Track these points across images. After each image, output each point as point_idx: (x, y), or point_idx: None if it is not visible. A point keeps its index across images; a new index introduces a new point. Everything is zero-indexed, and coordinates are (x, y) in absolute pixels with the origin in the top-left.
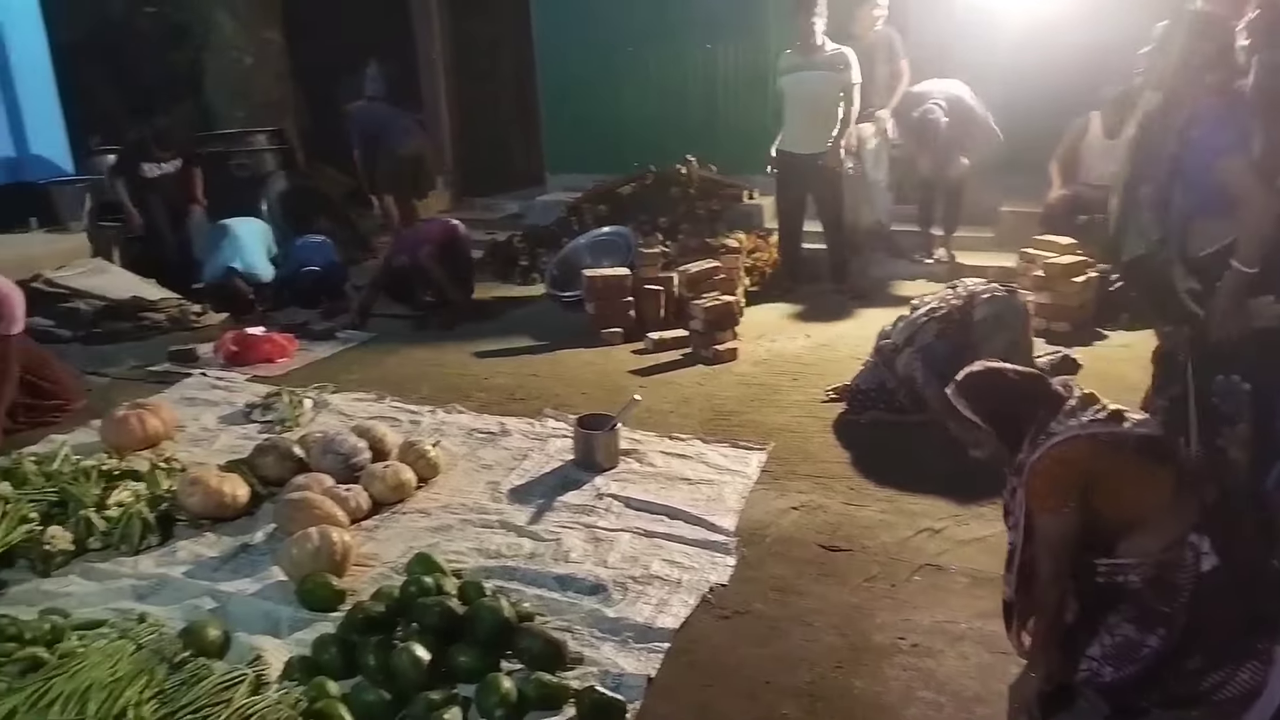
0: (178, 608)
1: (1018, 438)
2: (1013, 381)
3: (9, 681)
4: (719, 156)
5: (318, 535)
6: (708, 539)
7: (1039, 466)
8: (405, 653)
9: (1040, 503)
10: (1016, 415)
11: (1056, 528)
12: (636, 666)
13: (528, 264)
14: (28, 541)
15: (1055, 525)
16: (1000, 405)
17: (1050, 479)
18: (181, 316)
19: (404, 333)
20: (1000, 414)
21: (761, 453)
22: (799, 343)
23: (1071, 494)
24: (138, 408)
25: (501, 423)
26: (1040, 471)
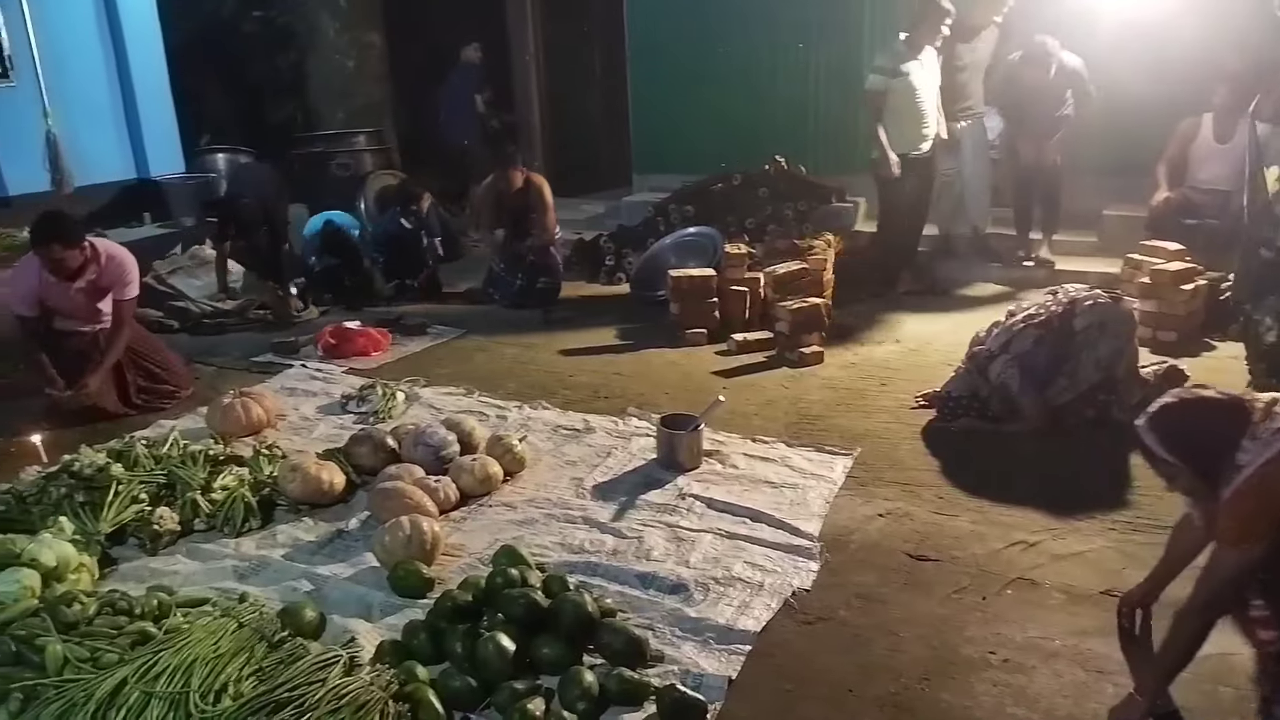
0: (276, 589)
1: (1216, 469)
2: (1213, 411)
3: (120, 653)
4: (808, 157)
5: (409, 524)
6: (790, 543)
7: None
8: (491, 642)
9: (1230, 537)
10: (1217, 447)
11: (1236, 562)
12: (717, 667)
13: (613, 264)
14: (138, 521)
15: (1236, 560)
16: (1200, 439)
17: (1245, 515)
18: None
19: (492, 330)
20: (1199, 448)
21: (847, 458)
22: (887, 347)
23: (1267, 528)
24: (242, 396)
25: (586, 420)
26: (1235, 507)
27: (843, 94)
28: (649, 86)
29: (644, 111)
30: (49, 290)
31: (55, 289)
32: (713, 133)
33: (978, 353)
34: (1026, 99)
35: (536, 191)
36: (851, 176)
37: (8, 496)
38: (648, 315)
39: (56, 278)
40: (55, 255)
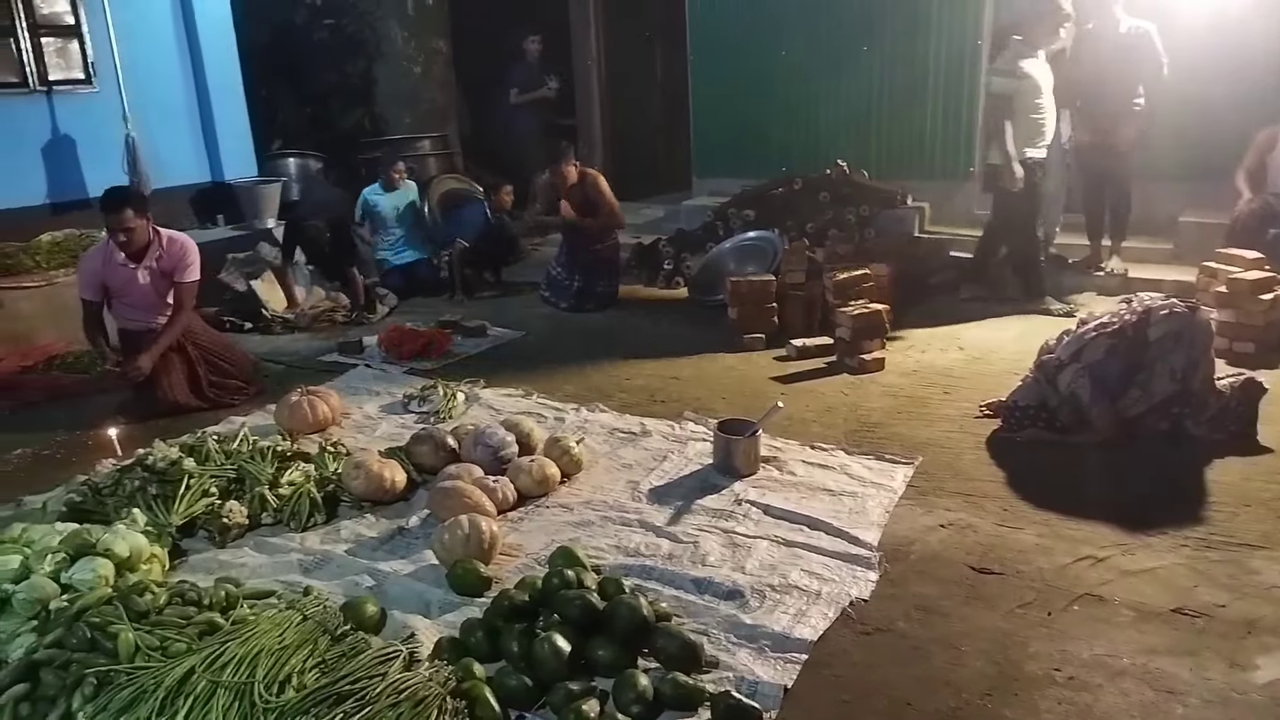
0: (339, 583)
1: None
2: None
3: (188, 642)
4: (871, 161)
5: (468, 523)
6: (849, 552)
7: None
8: (547, 642)
9: None
10: None
11: None
12: (773, 675)
13: (671, 268)
14: (208, 514)
15: None
16: None
17: None
18: (349, 313)
19: (551, 333)
20: None
21: (908, 467)
22: (951, 354)
23: None
24: (309, 394)
25: (642, 423)
26: None
27: (907, 97)
28: (710, 89)
29: (705, 115)
30: (115, 274)
31: (122, 272)
32: (774, 136)
33: (1046, 361)
34: (1092, 79)
35: (592, 184)
36: (914, 181)
37: (84, 488)
38: (706, 319)
39: (125, 254)
40: (128, 223)
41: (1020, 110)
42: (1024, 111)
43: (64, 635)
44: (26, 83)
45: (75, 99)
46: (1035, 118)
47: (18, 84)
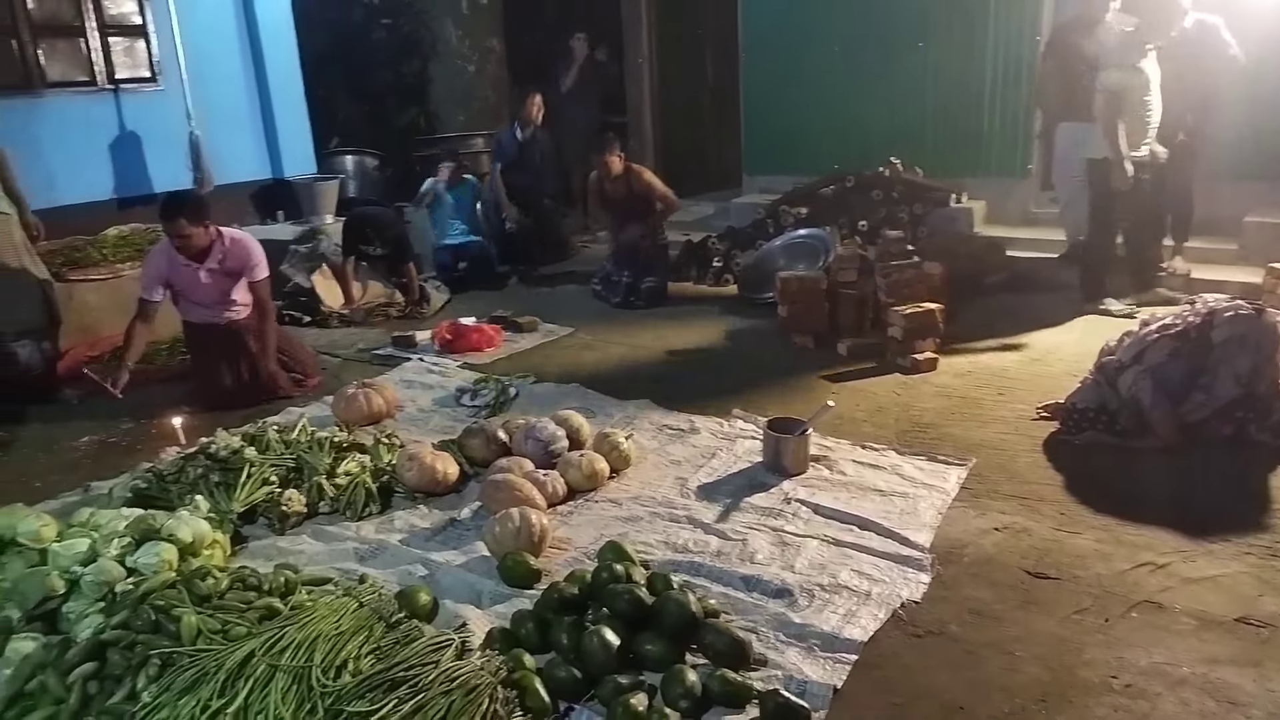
0: (393, 572)
1: None
2: None
3: (249, 626)
4: (925, 158)
5: (519, 516)
6: (900, 553)
7: None
8: (596, 635)
9: None
10: None
11: None
12: (822, 675)
13: (721, 265)
14: (268, 502)
15: None
16: None
17: None
18: (404, 308)
19: (601, 329)
20: None
21: (962, 468)
22: (1006, 355)
23: None
24: (365, 387)
25: (691, 420)
26: None
27: (963, 93)
28: (762, 87)
29: (756, 112)
30: (179, 274)
31: (185, 272)
32: (826, 133)
33: (1107, 363)
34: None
35: (637, 177)
36: (970, 179)
37: (149, 475)
38: (755, 317)
39: (184, 256)
40: (182, 231)
41: (1129, 107)
42: (1133, 108)
43: (130, 617)
44: (95, 81)
45: (141, 97)
46: (1144, 115)
47: (87, 82)
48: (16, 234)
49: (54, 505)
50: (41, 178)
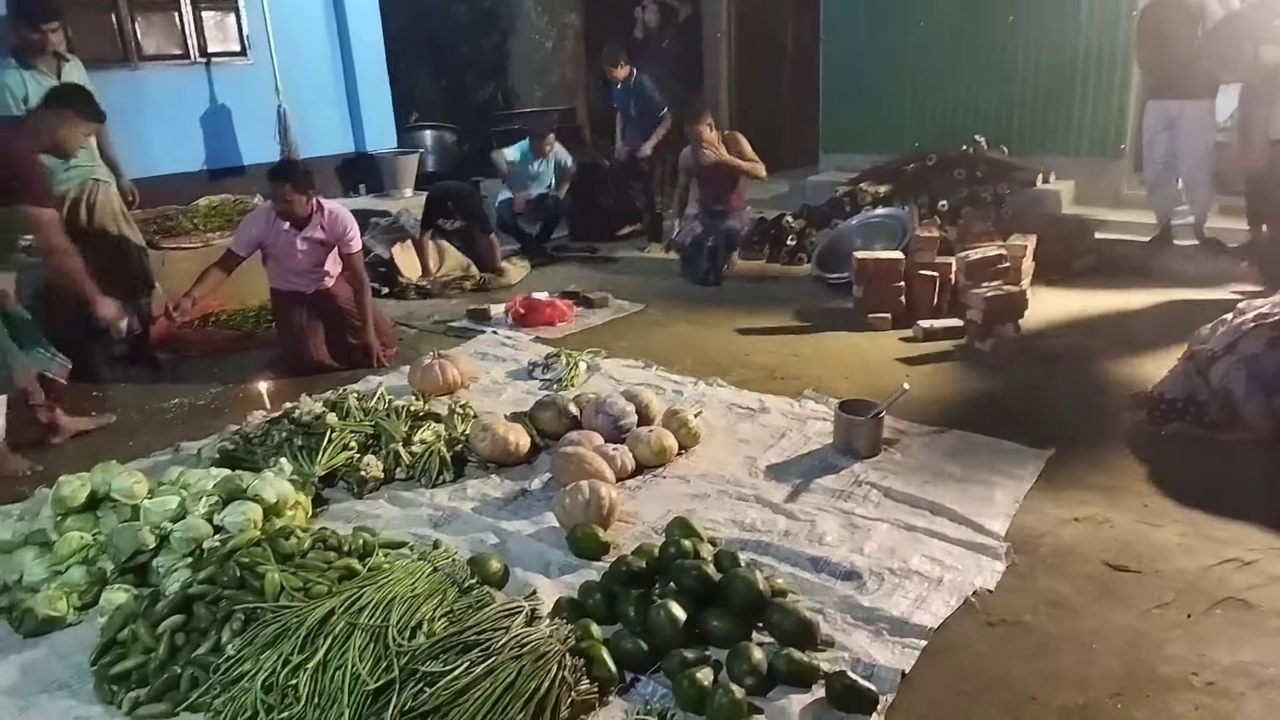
0: (465, 539)
1: None
2: None
3: (329, 585)
4: (1011, 137)
5: (588, 488)
6: (974, 540)
7: None
8: (663, 609)
9: None
10: None
11: None
12: (890, 659)
13: (795, 244)
14: (347, 467)
15: None
16: None
17: None
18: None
19: (672, 306)
20: None
21: (1041, 456)
22: (1092, 341)
23: None
24: (440, 358)
25: (761, 400)
26: None
27: (1054, 69)
28: (842, 61)
29: (836, 88)
30: (276, 239)
31: (283, 237)
32: (908, 110)
33: (1199, 352)
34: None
35: (734, 140)
36: (1058, 158)
37: (236, 437)
38: (829, 297)
39: (286, 222)
40: (287, 196)
41: None
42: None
43: (216, 573)
44: (188, 54)
45: (231, 70)
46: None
47: (180, 55)
48: (115, 201)
49: (145, 464)
50: (137, 148)
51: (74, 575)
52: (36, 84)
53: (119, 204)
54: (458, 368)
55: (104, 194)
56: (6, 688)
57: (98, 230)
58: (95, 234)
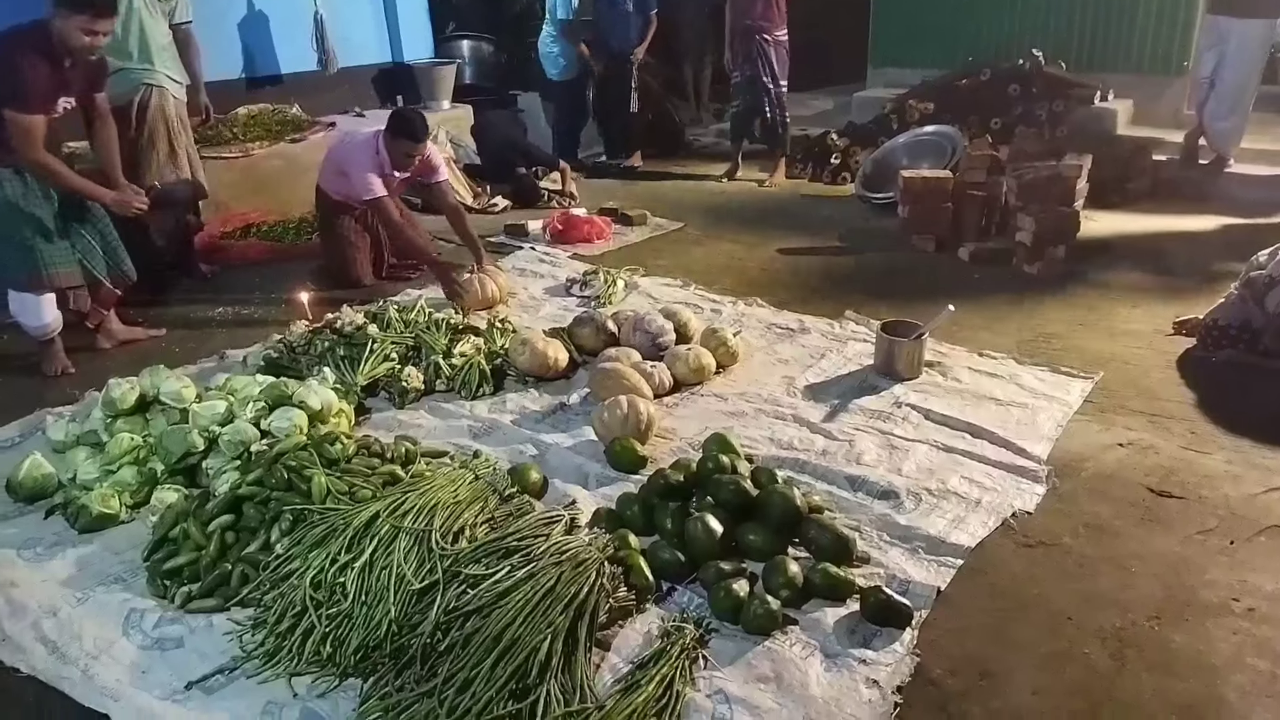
0: (505, 450)
1: None
2: None
3: (373, 490)
4: (1069, 52)
5: (626, 403)
6: (1014, 463)
7: None
8: (700, 522)
9: None
10: None
11: None
12: (925, 576)
13: (839, 163)
14: (389, 377)
15: None
16: None
17: None
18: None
19: (711, 225)
20: None
21: (1087, 381)
22: (1143, 266)
23: None
24: (480, 272)
25: (800, 320)
26: None
27: None
28: None
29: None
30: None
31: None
32: (962, 23)
33: (1255, 278)
34: None
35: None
36: (1117, 76)
37: (280, 346)
38: (872, 218)
39: (399, 171)
40: (418, 153)
41: None
42: None
43: (264, 475)
44: None
45: None
46: None
47: None
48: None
49: (192, 370)
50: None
51: (125, 475)
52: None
53: (175, 111)
54: (496, 282)
55: (158, 99)
56: (64, 579)
57: (147, 135)
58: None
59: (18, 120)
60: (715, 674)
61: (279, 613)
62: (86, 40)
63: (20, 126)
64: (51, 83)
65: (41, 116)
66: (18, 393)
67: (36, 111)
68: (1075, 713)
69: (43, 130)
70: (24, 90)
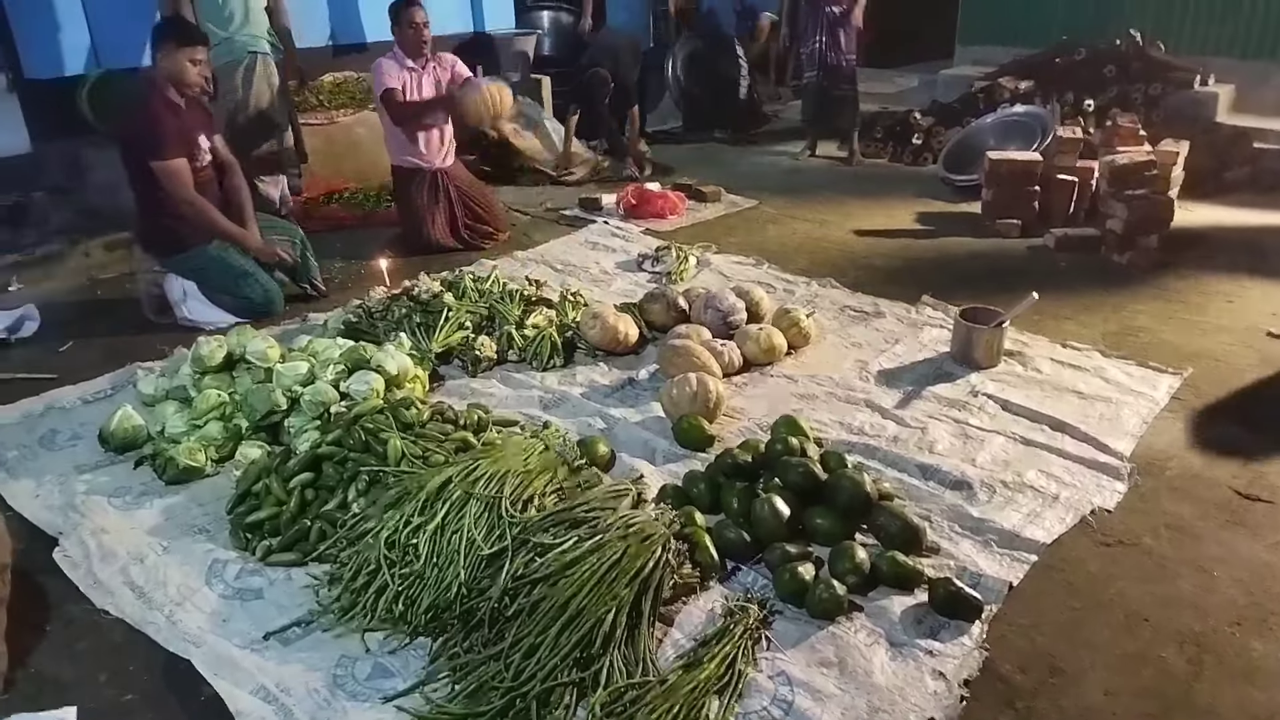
0: (573, 422)
1: None
2: None
3: (446, 455)
4: (1172, 32)
5: (695, 381)
6: (1095, 459)
7: None
8: (767, 503)
9: None
10: None
11: None
12: (998, 571)
13: (921, 142)
14: (463, 345)
15: None
16: None
17: None
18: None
19: (786, 203)
20: None
21: (1175, 377)
22: (1240, 259)
23: None
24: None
25: (876, 303)
26: None
27: None
28: None
29: None
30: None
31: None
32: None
33: None
34: None
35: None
36: (1219, 58)
37: (359, 310)
38: (955, 200)
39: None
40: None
41: None
42: None
43: (343, 435)
44: None
45: None
46: None
47: None
48: (273, 74)
49: (275, 331)
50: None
51: (211, 430)
52: None
53: (276, 78)
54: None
55: (262, 66)
56: (150, 528)
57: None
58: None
59: (162, 168)
60: (778, 656)
61: (354, 570)
62: (194, 71)
63: (166, 173)
64: (176, 125)
65: (183, 160)
66: (111, 346)
67: (175, 156)
68: (1148, 716)
69: (189, 174)
70: (156, 138)
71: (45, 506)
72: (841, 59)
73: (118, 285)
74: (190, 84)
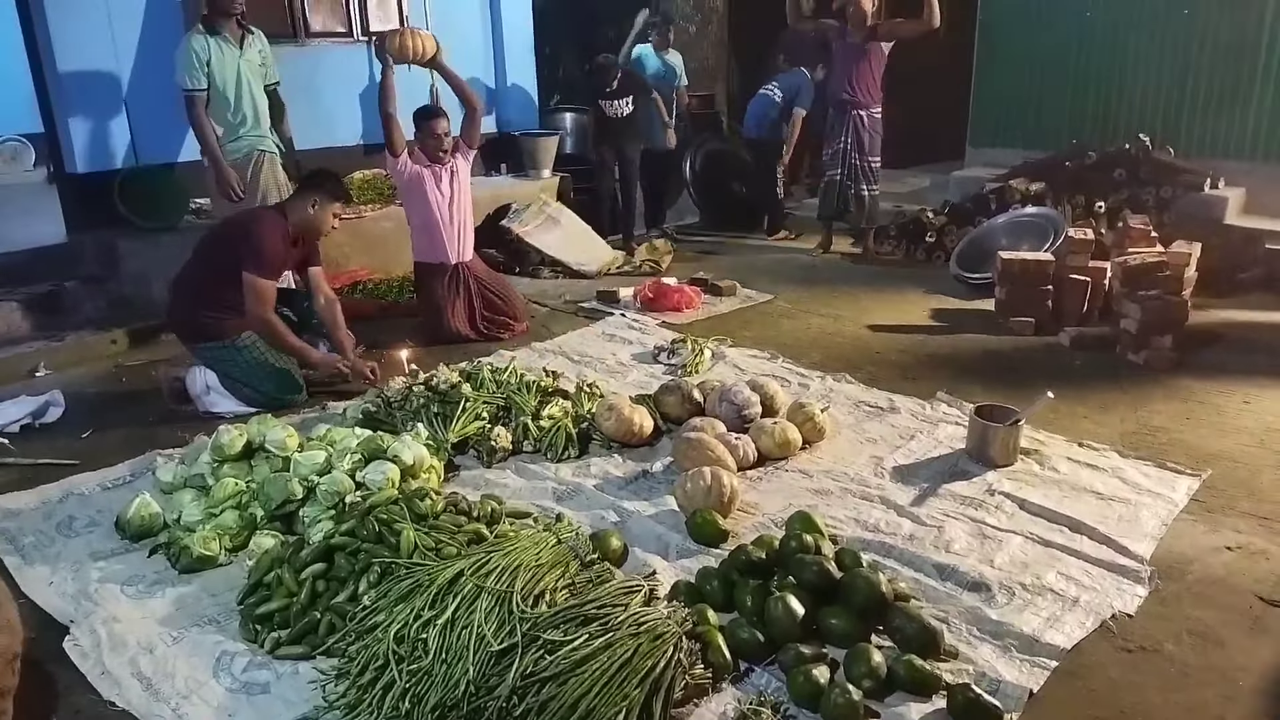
0: (587, 514)
1: None
2: None
3: (458, 548)
4: (1180, 136)
5: (710, 474)
6: (1115, 561)
7: None
8: (781, 602)
9: None
10: None
11: None
12: (1017, 677)
13: (934, 240)
14: (479, 436)
15: None
16: None
17: None
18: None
19: (801, 297)
20: None
21: (1194, 479)
22: (1256, 359)
23: None
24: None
25: (891, 399)
26: None
27: (1232, 66)
28: (999, 50)
29: (990, 77)
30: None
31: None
32: (1067, 105)
33: None
34: None
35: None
36: (1229, 161)
37: (379, 400)
38: (967, 297)
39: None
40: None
41: None
42: None
43: (356, 526)
44: (351, 32)
45: None
46: None
47: (344, 33)
48: (279, 174)
49: (294, 419)
50: (300, 121)
51: (227, 518)
52: (220, 51)
53: (283, 177)
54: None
55: (269, 164)
56: (162, 618)
57: (260, 198)
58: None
59: (255, 283)
60: None
61: (362, 664)
62: (335, 224)
63: (255, 288)
64: (284, 255)
65: (274, 283)
66: (133, 433)
67: (269, 278)
68: None
69: (273, 295)
70: (265, 258)
71: (58, 594)
72: (866, 161)
73: (143, 373)
74: (323, 234)
